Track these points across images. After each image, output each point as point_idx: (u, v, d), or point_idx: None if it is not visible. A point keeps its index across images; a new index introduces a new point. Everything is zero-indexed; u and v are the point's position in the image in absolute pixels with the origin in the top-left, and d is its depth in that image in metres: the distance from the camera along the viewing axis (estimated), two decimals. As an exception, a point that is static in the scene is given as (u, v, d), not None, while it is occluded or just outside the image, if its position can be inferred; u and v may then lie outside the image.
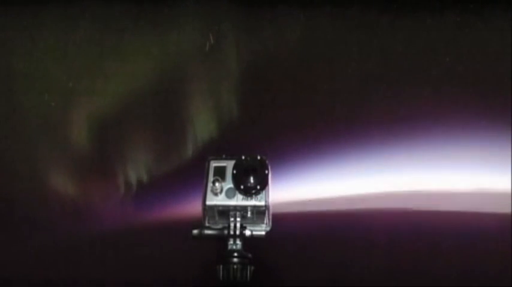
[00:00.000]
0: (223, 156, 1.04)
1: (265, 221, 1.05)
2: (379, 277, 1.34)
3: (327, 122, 1.42)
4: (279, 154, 1.37)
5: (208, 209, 1.02)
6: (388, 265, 1.34)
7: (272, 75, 1.45)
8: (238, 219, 1.03)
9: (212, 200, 1.01)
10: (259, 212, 1.03)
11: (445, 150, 1.40)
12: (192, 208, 1.32)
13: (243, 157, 1.02)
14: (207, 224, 1.04)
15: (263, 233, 1.06)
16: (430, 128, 1.40)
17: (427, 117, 1.41)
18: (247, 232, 1.04)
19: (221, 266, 1.02)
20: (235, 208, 1.02)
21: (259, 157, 1.01)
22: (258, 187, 1.00)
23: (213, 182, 1.01)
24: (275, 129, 1.41)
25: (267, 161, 1.01)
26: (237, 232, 1.03)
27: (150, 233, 1.37)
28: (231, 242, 1.03)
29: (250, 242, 1.04)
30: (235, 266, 1.01)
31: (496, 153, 1.38)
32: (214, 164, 1.03)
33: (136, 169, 1.40)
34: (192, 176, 1.34)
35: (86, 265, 1.36)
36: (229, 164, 1.02)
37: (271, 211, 1.03)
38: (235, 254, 1.02)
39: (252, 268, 1.03)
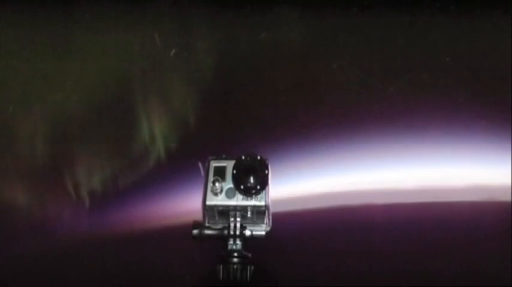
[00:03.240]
0: (223, 156, 1.03)
1: (265, 221, 1.05)
2: (379, 276, 1.34)
3: (327, 121, 1.42)
4: (279, 154, 1.37)
5: (208, 209, 1.02)
6: (388, 264, 1.34)
7: (272, 75, 1.45)
8: (238, 219, 1.03)
9: (212, 200, 1.01)
10: (259, 212, 1.03)
11: (444, 147, 1.40)
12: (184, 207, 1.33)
13: (243, 157, 1.01)
14: (207, 224, 1.04)
15: (263, 233, 1.06)
16: (431, 129, 1.41)
17: (427, 117, 1.41)
18: (247, 232, 1.04)
19: (221, 266, 1.02)
20: (235, 208, 1.02)
21: (259, 157, 1.01)
22: (258, 187, 1.00)
23: (213, 182, 1.00)
24: (275, 129, 1.41)
25: (267, 161, 1.01)
26: (237, 232, 1.03)
27: (148, 233, 1.37)
28: (231, 242, 1.03)
29: (250, 242, 1.04)
30: (235, 266, 1.01)
31: (495, 152, 1.39)
32: (214, 164, 1.03)
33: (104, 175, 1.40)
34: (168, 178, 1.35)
35: (85, 267, 1.36)
36: (229, 164, 1.02)
37: (271, 211, 1.03)
38: (235, 254, 1.02)
39: (252, 268, 1.03)
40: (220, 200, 1.01)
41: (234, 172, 1.01)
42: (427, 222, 1.36)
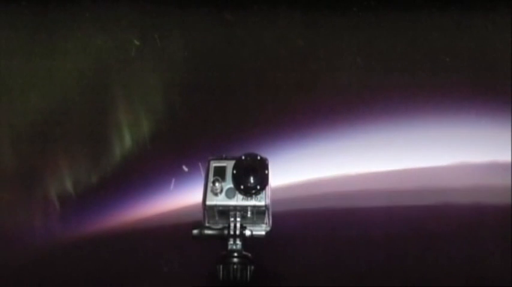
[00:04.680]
0: (223, 156, 1.03)
1: (265, 221, 1.05)
2: (378, 275, 1.34)
3: (327, 121, 1.42)
4: (279, 154, 1.37)
5: (208, 209, 1.02)
6: (387, 263, 1.34)
7: (272, 75, 1.46)
8: (238, 219, 1.03)
9: (212, 200, 1.01)
10: (259, 212, 1.02)
11: (445, 151, 1.40)
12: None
13: (243, 157, 1.01)
14: (207, 224, 1.04)
15: (263, 233, 1.05)
16: (431, 129, 1.41)
17: (427, 117, 1.41)
18: (247, 232, 1.04)
19: (221, 266, 1.02)
20: (235, 208, 1.01)
21: (259, 157, 1.01)
22: (258, 187, 1.00)
23: (213, 182, 1.00)
24: (275, 129, 1.41)
25: (267, 161, 1.01)
26: (237, 232, 1.03)
27: (148, 233, 1.37)
28: (231, 242, 1.03)
29: (250, 242, 1.04)
30: (235, 266, 1.01)
31: (496, 149, 1.39)
32: (214, 164, 1.03)
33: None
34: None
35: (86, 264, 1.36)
36: (229, 164, 1.02)
37: (271, 211, 1.03)
38: (235, 254, 1.02)
39: (252, 268, 1.02)
40: (220, 200, 1.01)
41: (234, 172, 1.01)
42: (428, 222, 1.36)
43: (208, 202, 1.01)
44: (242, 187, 1.00)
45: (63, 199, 1.39)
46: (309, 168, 1.40)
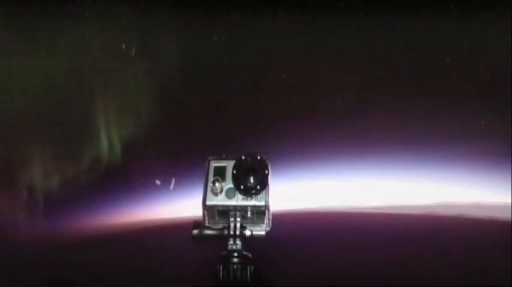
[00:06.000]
0: (223, 156, 1.03)
1: (265, 221, 1.05)
2: (378, 276, 1.34)
3: (327, 122, 1.42)
4: (279, 154, 1.37)
5: (208, 209, 1.02)
6: (387, 265, 1.34)
7: (271, 75, 1.46)
8: (238, 219, 1.03)
9: (212, 200, 1.01)
10: (259, 212, 1.02)
11: (445, 151, 1.40)
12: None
13: (243, 157, 1.01)
14: (207, 224, 1.04)
15: (263, 233, 1.05)
16: (431, 130, 1.41)
17: (427, 117, 1.41)
18: (247, 232, 1.04)
19: (221, 266, 1.02)
20: (235, 208, 1.01)
21: (259, 157, 1.01)
22: (258, 187, 1.00)
23: (213, 182, 1.00)
24: (275, 129, 1.41)
25: (267, 161, 1.01)
26: (237, 232, 1.03)
27: (148, 233, 1.37)
28: (231, 242, 1.03)
29: (250, 242, 1.04)
30: (235, 266, 1.01)
31: (496, 150, 1.39)
32: (214, 164, 1.03)
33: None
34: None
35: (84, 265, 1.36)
36: (229, 164, 1.02)
37: (271, 211, 1.03)
38: (235, 254, 1.02)
39: (252, 268, 1.03)
40: (220, 200, 1.01)
41: (234, 172, 1.01)
42: (427, 222, 1.36)
43: (208, 202, 1.01)
44: (242, 187, 1.00)
45: (63, 198, 1.39)
46: (309, 168, 1.40)
